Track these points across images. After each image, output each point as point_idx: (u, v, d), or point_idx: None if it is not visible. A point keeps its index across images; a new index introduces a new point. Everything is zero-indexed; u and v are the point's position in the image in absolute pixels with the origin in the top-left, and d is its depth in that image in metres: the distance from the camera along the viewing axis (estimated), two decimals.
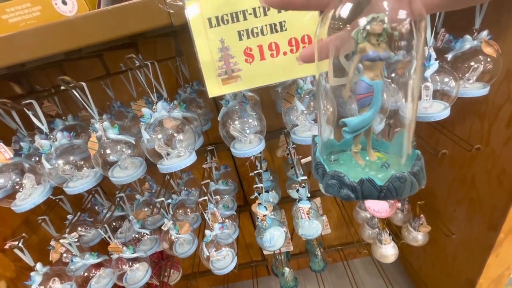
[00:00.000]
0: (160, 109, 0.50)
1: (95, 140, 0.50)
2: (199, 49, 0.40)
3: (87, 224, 0.84)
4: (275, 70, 0.42)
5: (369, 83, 0.19)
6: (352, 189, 0.19)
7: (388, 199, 0.20)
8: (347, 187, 0.20)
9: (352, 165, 0.23)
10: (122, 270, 0.75)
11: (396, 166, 0.22)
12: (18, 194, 0.56)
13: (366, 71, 0.19)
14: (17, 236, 0.68)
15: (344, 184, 0.20)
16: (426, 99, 0.51)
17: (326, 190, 0.21)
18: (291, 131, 0.57)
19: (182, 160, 0.51)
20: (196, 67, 0.87)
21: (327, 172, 0.21)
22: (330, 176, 0.21)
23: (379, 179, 0.19)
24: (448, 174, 0.83)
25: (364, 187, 0.19)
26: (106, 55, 0.72)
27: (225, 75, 0.42)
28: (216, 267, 0.70)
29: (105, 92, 0.78)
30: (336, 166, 0.23)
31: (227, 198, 0.87)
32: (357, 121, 0.20)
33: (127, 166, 0.56)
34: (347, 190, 0.20)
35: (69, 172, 0.55)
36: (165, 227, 0.70)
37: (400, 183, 0.19)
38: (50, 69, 0.81)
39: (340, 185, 0.20)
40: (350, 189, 0.20)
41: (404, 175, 0.19)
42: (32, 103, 0.48)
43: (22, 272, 0.73)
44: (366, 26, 0.17)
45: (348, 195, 0.20)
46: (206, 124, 0.76)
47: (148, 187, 0.90)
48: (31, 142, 0.64)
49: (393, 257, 0.89)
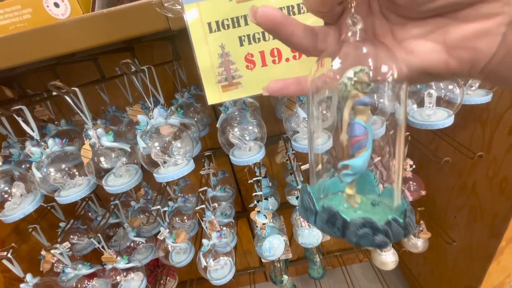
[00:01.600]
0: (157, 115, 0.48)
1: (88, 147, 0.48)
2: (198, 54, 0.38)
3: (80, 231, 0.81)
4: (277, 77, 0.40)
5: (363, 125, 0.19)
6: (386, 233, 0.18)
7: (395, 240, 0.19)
8: (381, 233, 0.18)
9: (347, 209, 0.22)
10: (116, 280, 0.72)
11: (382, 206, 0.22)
12: (7, 204, 0.54)
13: (359, 115, 0.20)
14: (6, 245, 0.65)
15: (377, 230, 0.18)
16: (429, 106, 0.50)
17: (358, 242, 0.19)
18: (292, 138, 0.56)
19: (179, 168, 0.49)
20: (194, 71, 0.86)
21: (352, 221, 0.19)
22: (359, 225, 0.19)
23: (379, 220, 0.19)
24: (448, 181, 0.82)
25: (393, 229, 0.18)
26: (101, 59, 0.70)
27: (225, 81, 0.40)
28: (214, 277, 0.68)
29: (99, 96, 0.76)
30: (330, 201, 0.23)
31: (225, 205, 0.85)
32: (361, 162, 0.20)
33: (122, 174, 0.54)
34: (382, 236, 0.18)
35: (60, 180, 0.53)
36: (161, 236, 0.68)
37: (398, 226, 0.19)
38: (43, 72, 0.78)
39: (373, 232, 0.18)
40: (384, 234, 0.18)
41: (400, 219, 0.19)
42: (22, 109, 0.46)
43: (11, 283, 0.70)
44: (355, 75, 0.18)
45: (384, 241, 0.18)
46: (204, 130, 0.74)
47: (143, 193, 0.88)
48: (21, 148, 0.61)
49: (393, 265, 0.88)
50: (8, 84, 0.75)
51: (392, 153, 0.22)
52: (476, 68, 0.18)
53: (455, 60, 0.18)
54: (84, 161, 0.49)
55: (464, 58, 0.18)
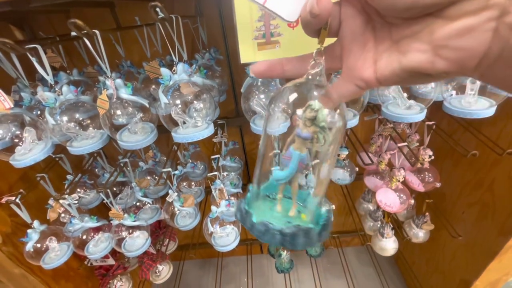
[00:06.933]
0: (181, 71, 0.45)
1: (105, 98, 0.45)
2: (237, 3, 0.34)
3: (87, 186, 0.81)
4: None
5: (290, 150, 0.24)
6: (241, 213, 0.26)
7: (254, 235, 0.24)
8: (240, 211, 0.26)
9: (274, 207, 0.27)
10: (120, 236, 0.73)
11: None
12: (18, 148, 0.52)
13: (295, 142, 0.23)
14: (14, 191, 0.65)
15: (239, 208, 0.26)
16: (471, 94, 0.47)
17: (235, 215, 0.28)
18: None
19: (199, 130, 0.47)
20: (215, 31, 0.80)
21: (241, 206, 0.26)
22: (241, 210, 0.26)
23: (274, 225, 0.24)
24: (463, 176, 0.81)
25: (247, 216, 0.25)
26: (118, 6, 0.65)
27: (263, 38, 0.36)
28: (219, 244, 0.69)
29: (114, 48, 0.71)
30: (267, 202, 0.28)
31: (233, 176, 0.84)
32: (277, 173, 0.25)
33: (137, 130, 0.51)
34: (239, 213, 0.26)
35: (73, 130, 0.51)
36: (170, 198, 0.68)
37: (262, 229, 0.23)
38: (55, 14, 0.73)
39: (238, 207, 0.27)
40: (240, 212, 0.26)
41: (268, 225, 0.23)
42: (36, 48, 0.43)
43: (18, 228, 0.70)
44: (304, 111, 0.21)
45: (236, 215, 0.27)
46: (222, 95, 0.71)
47: (152, 155, 0.87)
48: (32, 94, 0.58)
49: (393, 251, 0.89)
50: (18, 24, 0.71)
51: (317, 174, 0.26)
52: (467, 68, 0.18)
53: (442, 60, 0.18)
54: (100, 112, 0.46)
55: (450, 57, 0.17)
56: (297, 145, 0.23)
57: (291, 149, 0.24)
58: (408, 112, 0.51)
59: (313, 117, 0.21)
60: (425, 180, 0.74)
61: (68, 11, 0.68)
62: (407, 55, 0.19)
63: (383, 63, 0.21)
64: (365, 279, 1.23)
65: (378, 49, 0.21)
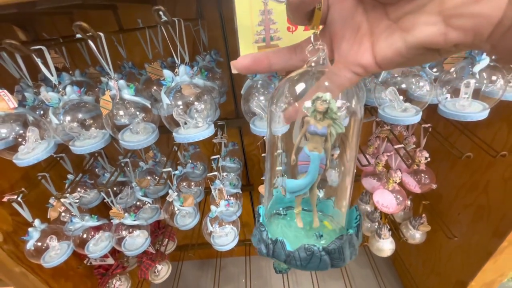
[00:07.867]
0: (183, 73, 0.46)
1: (108, 98, 0.46)
2: (239, 7, 0.35)
3: (87, 186, 0.82)
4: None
5: (307, 152, 0.21)
6: (266, 245, 0.22)
7: (293, 266, 0.21)
8: (263, 242, 0.22)
9: (292, 224, 0.24)
10: (121, 235, 0.74)
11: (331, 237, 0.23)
12: (21, 147, 0.53)
13: (308, 142, 0.21)
14: (15, 190, 0.66)
15: (262, 239, 0.22)
16: (465, 97, 0.48)
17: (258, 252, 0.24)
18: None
19: (199, 131, 0.48)
20: (216, 34, 0.81)
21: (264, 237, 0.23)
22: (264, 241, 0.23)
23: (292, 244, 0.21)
24: (459, 178, 0.82)
25: (276, 247, 0.21)
26: (121, 8, 0.66)
27: (263, 42, 0.38)
28: (218, 243, 0.70)
29: (116, 49, 0.72)
30: (280, 220, 0.25)
31: (232, 176, 0.85)
32: (294, 184, 0.22)
33: (139, 131, 0.52)
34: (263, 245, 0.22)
35: (76, 130, 0.52)
36: (170, 198, 0.68)
37: (306, 255, 0.20)
38: (58, 16, 0.74)
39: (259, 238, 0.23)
40: (264, 244, 0.22)
41: (312, 248, 0.20)
42: (42, 49, 0.44)
43: (19, 227, 0.71)
44: (313, 103, 0.19)
45: (260, 249, 0.23)
46: (222, 97, 0.72)
47: (152, 155, 0.87)
48: (35, 94, 0.59)
49: (390, 252, 0.90)
50: (21, 25, 0.72)
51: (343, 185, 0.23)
52: (480, 37, 0.16)
53: (455, 31, 0.16)
54: (103, 112, 0.47)
55: (465, 26, 0.16)
56: (313, 145, 0.20)
57: (306, 151, 0.21)
58: (404, 114, 0.53)
59: (325, 109, 0.19)
60: (421, 181, 0.76)
61: (71, 13, 0.70)
62: (414, 31, 0.18)
63: (382, 45, 0.19)
64: (362, 280, 1.24)
65: (374, 32, 0.20)
